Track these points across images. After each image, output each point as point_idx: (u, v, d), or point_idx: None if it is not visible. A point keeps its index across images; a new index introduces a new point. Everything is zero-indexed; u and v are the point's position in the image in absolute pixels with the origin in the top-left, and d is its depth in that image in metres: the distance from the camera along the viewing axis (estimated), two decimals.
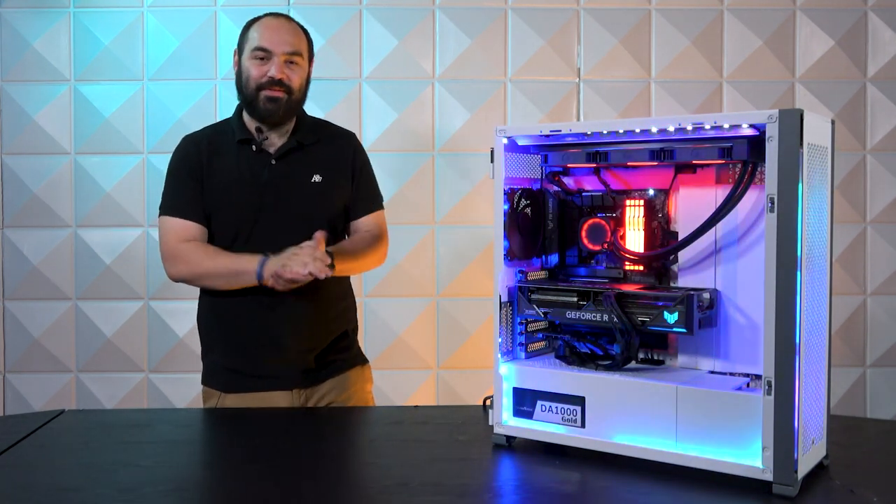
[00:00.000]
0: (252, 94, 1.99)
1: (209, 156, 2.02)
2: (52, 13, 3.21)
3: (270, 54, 1.97)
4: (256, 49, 1.97)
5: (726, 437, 1.32)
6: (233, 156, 2.02)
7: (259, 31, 1.99)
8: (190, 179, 2.00)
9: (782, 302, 1.26)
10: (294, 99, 2.01)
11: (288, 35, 1.99)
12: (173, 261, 2.00)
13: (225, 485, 1.40)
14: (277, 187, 2.00)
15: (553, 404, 1.49)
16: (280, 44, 1.97)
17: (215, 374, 2.06)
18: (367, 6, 3.22)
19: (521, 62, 3.23)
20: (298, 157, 2.04)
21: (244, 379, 2.00)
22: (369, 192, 2.14)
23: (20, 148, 3.22)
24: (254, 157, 2.01)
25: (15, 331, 3.23)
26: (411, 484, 1.36)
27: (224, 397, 2.02)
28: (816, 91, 3.24)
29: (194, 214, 2.00)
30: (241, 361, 2.01)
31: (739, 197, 1.41)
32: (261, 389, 1.99)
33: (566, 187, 1.65)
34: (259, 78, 1.97)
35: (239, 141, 2.02)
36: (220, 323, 2.05)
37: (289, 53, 1.98)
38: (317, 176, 2.03)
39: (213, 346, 2.08)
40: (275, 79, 1.96)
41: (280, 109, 1.98)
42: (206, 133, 2.09)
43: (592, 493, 1.35)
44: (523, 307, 1.56)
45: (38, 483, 1.38)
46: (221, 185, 2.00)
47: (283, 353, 1.99)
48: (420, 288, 3.21)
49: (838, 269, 3.20)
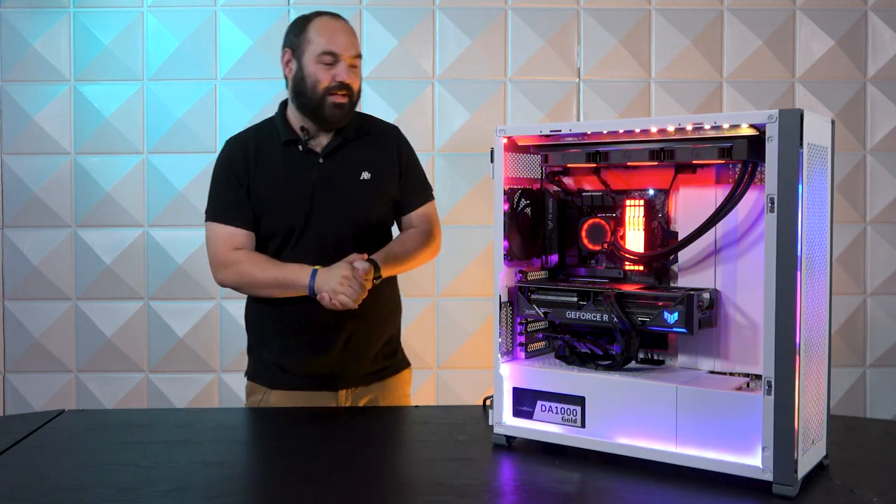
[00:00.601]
0: (319, 100, 1.95)
1: (254, 158, 2.00)
2: (52, 13, 3.21)
3: (338, 58, 1.94)
4: (324, 53, 1.93)
5: (726, 437, 1.32)
6: (278, 157, 2.00)
7: (323, 35, 1.95)
8: (235, 184, 1.99)
9: (782, 302, 1.26)
10: (354, 102, 2.00)
11: (351, 38, 1.98)
12: (223, 269, 1.99)
13: (225, 485, 1.40)
14: (326, 187, 1.98)
15: (553, 404, 1.49)
16: (347, 47, 1.95)
17: (262, 370, 2.05)
18: (367, 6, 3.22)
19: (521, 62, 3.24)
20: (345, 155, 2.02)
21: (291, 377, 2.00)
22: (418, 185, 2.12)
23: (20, 148, 3.22)
24: (300, 158, 1.99)
25: (15, 331, 3.23)
26: (411, 484, 1.36)
27: (269, 394, 2.02)
28: (816, 91, 3.24)
29: (241, 220, 1.98)
30: (288, 360, 2.00)
31: (739, 197, 1.41)
32: (307, 389, 1.99)
33: (566, 187, 1.65)
34: (328, 83, 1.94)
35: (285, 142, 2.00)
36: (269, 320, 2.04)
37: (353, 57, 1.96)
38: (365, 173, 2.01)
39: (260, 342, 2.07)
40: (344, 83, 1.94)
41: (346, 114, 1.97)
42: (249, 134, 2.07)
43: (592, 493, 1.35)
44: (523, 307, 1.56)
45: (38, 483, 1.38)
46: (269, 187, 1.98)
47: (332, 354, 1.98)
48: (420, 288, 3.21)
49: (838, 269, 3.20)
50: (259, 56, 3.20)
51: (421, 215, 2.10)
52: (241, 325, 3.38)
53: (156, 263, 3.23)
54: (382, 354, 2.07)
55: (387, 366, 2.08)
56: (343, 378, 2.01)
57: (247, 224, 1.99)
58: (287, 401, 1.98)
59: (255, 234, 2.00)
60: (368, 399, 2.04)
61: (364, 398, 2.03)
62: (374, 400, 2.04)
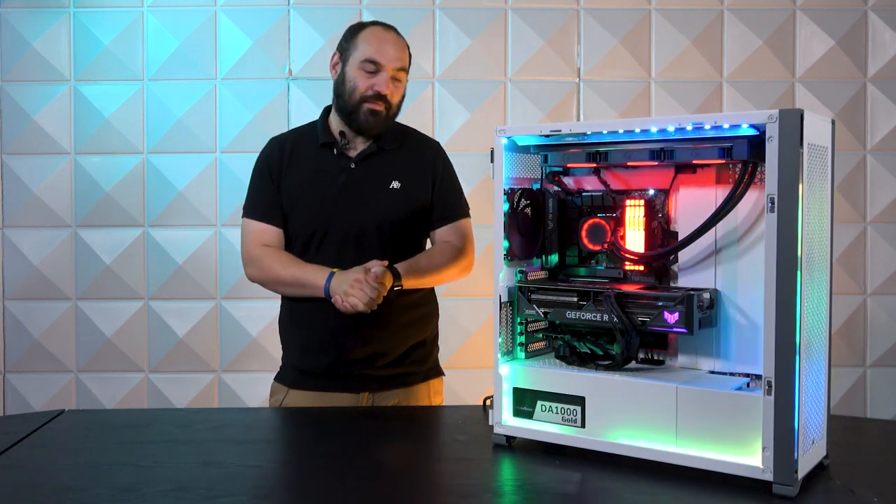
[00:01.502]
0: (355, 105, 1.96)
1: (290, 157, 2.02)
2: (52, 13, 3.21)
3: (380, 68, 1.95)
4: (367, 61, 1.94)
5: (726, 437, 1.32)
6: (312, 158, 2.02)
7: (370, 43, 1.96)
8: (269, 181, 2.02)
9: (782, 302, 1.25)
10: (392, 114, 2.01)
11: (398, 50, 1.98)
12: (250, 264, 2.02)
13: (224, 485, 1.40)
14: (354, 191, 1.99)
15: (553, 404, 1.49)
16: (391, 59, 1.96)
17: (286, 370, 2.08)
18: (367, 6, 3.22)
19: (521, 62, 3.24)
20: (378, 163, 2.03)
21: (311, 378, 2.02)
22: (451, 201, 2.10)
23: (20, 148, 3.22)
24: (333, 161, 2.01)
25: (15, 331, 3.23)
26: (411, 484, 1.36)
27: (289, 393, 2.03)
28: (816, 91, 3.24)
29: (272, 218, 2.01)
30: (310, 362, 2.02)
31: (739, 197, 1.41)
32: (324, 389, 1.99)
33: (566, 187, 1.65)
34: (365, 90, 1.95)
35: (322, 144, 2.02)
36: (294, 323, 2.06)
37: (397, 69, 1.97)
38: (395, 182, 2.01)
39: (287, 346, 2.10)
40: (381, 94, 1.95)
41: (379, 123, 1.98)
42: (291, 135, 2.10)
43: (592, 493, 1.35)
44: (523, 307, 1.56)
45: (38, 483, 1.38)
46: (296, 186, 2.00)
47: (350, 357, 1.98)
48: None
49: (838, 269, 3.20)
50: (259, 56, 3.20)
51: (453, 231, 2.08)
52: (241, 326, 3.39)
53: (156, 263, 3.24)
54: (411, 360, 2.05)
55: (414, 372, 2.06)
56: (364, 380, 2.00)
57: (277, 222, 2.02)
58: (307, 401, 1.99)
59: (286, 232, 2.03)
60: (392, 403, 2.02)
61: (387, 402, 2.02)
62: (397, 405, 2.03)
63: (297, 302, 2.02)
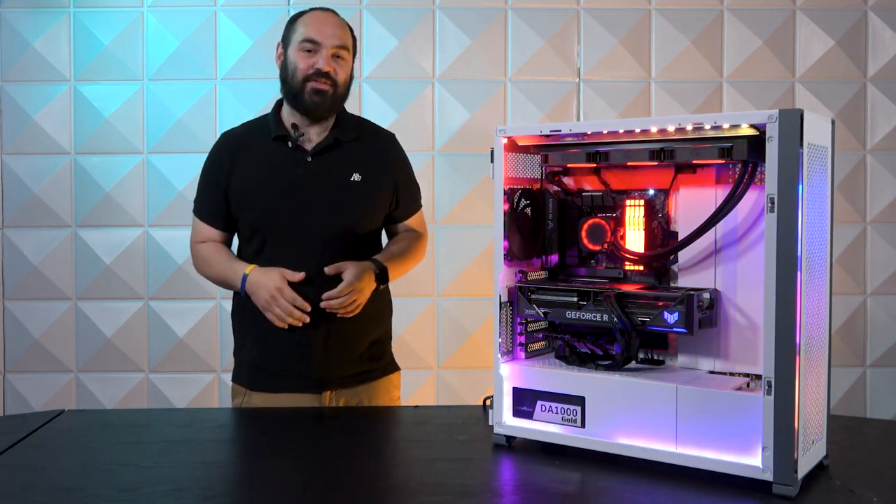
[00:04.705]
0: (298, 86, 1.95)
1: (238, 155, 2.00)
2: (52, 13, 3.21)
3: (319, 46, 1.94)
4: (305, 41, 1.94)
5: (726, 437, 1.32)
6: (265, 153, 1.99)
7: (307, 24, 1.96)
8: (213, 182, 2.01)
9: (782, 302, 1.26)
10: (339, 93, 1.98)
11: (336, 28, 1.97)
12: (192, 259, 2.07)
13: (224, 485, 1.40)
14: (313, 186, 1.95)
15: (553, 404, 1.49)
16: (328, 36, 1.95)
17: (242, 370, 2.04)
18: (367, 6, 3.22)
19: (521, 62, 3.24)
20: (336, 155, 2.00)
21: (270, 378, 1.98)
22: (413, 194, 2.14)
23: (20, 148, 3.22)
24: (289, 155, 1.97)
25: (15, 331, 3.23)
26: (411, 484, 1.36)
27: (250, 395, 1.99)
28: (816, 91, 3.24)
29: (213, 219, 2.02)
30: (267, 359, 1.98)
31: (739, 197, 1.41)
32: (287, 391, 1.96)
33: (566, 187, 1.65)
34: (307, 70, 1.94)
35: (274, 138, 1.99)
36: (250, 317, 1.99)
37: (336, 47, 1.95)
38: (356, 175, 1.99)
39: (242, 341, 2.05)
40: (322, 71, 1.93)
41: (326, 102, 1.95)
42: (241, 130, 2.07)
43: (592, 493, 1.35)
44: (523, 307, 1.56)
45: (38, 483, 1.38)
46: (249, 184, 1.97)
47: (312, 356, 1.95)
48: (420, 288, 3.21)
49: (838, 269, 3.20)
50: (259, 56, 3.20)
51: (415, 221, 2.14)
52: None
53: (156, 263, 3.23)
54: (368, 356, 2.03)
55: (372, 369, 2.05)
56: (325, 380, 1.97)
57: (217, 222, 2.03)
58: (269, 403, 1.95)
59: (233, 232, 2.04)
60: (355, 402, 2.01)
61: (350, 400, 2.00)
62: (359, 403, 2.01)
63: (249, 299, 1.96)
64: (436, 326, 3.23)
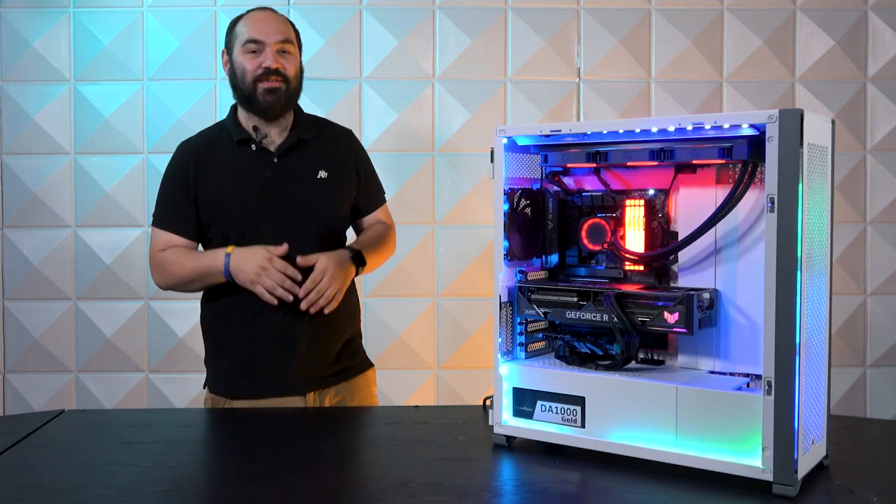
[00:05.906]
0: (250, 88, 1.95)
1: (203, 163, 1.98)
2: (52, 13, 3.21)
3: (263, 45, 1.94)
4: (248, 42, 1.94)
5: (726, 437, 1.32)
6: (231, 158, 1.99)
7: (247, 25, 1.97)
8: (179, 192, 1.98)
9: (782, 302, 1.26)
10: (291, 88, 1.98)
11: (277, 24, 1.98)
12: (154, 271, 2.02)
13: (224, 485, 1.40)
14: (282, 185, 1.97)
15: (553, 404, 1.49)
16: (271, 33, 1.95)
17: (221, 380, 2.01)
18: (367, 6, 3.22)
19: (521, 62, 3.23)
20: (301, 154, 2.01)
21: (252, 385, 1.97)
22: (376, 187, 2.18)
23: (20, 148, 3.22)
24: (254, 157, 1.98)
25: (15, 331, 3.23)
26: (411, 484, 1.36)
27: (231, 404, 1.98)
28: (816, 91, 3.24)
29: (181, 228, 1.99)
30: (249, 366, 1.97)
31: (739, 197, 1.41)
32: (270, 395, 1.95)
33: (566, 187, 1.65)
34: (255, 70, 1.94)
35: (237, 142, 1.99)
36: (226, 325, 2.00)
37: (280, 42, 1.96)
38: (322, 172, 2.01)
39: (218, 350, 2.03)
40: (271, 68, 1.93)
41: (280, 100, 1.96)
42: (200, 139, 2.06)
43: (592, 493, 1.35)
44: (523, 307, 1.56)
45: (38, 483, 1.38)
46: (220, 190, 1.96)
47: (295, 357, 1.95)
48: (420, 288, 3.21)
49: (838, 269, 3.20)
50: None
51: (381, 213, 2.17)
52: None
53: None
54: (345, 354, 2.05)
55: (350, 366, 2.07)
56: (308, 380, 1.98)
57: (185, 232, 1.99)
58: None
59: (198, 241, 2.01)
60: (337, 401, 2.02)
61: (332, 400, 2.01)
62: (342, 401, 2.03)
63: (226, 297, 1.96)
64: (436, 326, 3.23)
